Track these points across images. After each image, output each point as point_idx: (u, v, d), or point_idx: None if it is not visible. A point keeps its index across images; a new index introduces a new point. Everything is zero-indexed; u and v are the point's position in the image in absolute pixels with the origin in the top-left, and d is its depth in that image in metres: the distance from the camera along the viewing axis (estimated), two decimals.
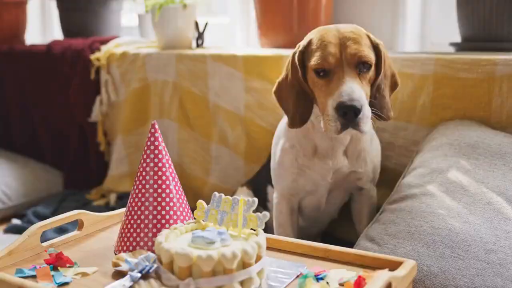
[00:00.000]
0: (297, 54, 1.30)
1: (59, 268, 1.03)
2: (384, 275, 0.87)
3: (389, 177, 1.66)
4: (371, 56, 1.24)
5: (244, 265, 0.90)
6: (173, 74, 2.07)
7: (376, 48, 1.28)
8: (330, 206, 1.52)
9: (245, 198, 0.99)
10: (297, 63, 1.29)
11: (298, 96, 1.30)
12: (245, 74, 1.89)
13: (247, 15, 2.43)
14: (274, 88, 1.39)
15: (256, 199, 0.98)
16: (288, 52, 1.84)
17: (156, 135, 1.10)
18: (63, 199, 2.21)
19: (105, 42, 2.34)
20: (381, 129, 1.66)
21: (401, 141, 1.65)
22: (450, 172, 1.33)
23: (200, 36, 2.21)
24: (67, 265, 1.04)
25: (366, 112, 1.19)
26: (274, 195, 1.50)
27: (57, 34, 3.11)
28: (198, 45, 2.22)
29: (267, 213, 0.97)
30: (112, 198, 2.16)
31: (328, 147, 1.36)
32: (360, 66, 1.23)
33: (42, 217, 2.00)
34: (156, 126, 1.10)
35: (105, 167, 2.32)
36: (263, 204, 1.65)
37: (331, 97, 1.20)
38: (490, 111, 1.49)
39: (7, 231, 1.93)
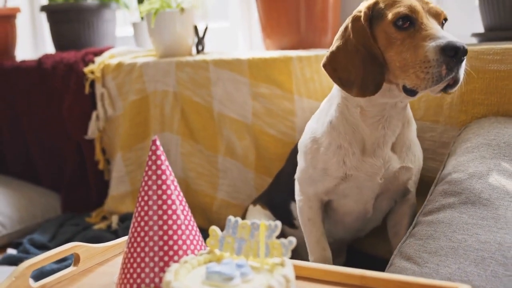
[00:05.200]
0: (362, 16, 1.16)
1: None
2: None
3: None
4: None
5: None
6: (173, 83, 1.93)
7: None
8: (377, 213, 1.36)
9: (266, 222, 0.84)
10: (364, 24, 1.15)
11: (365, 61, 1.15)
12: (251, 79, 1.74)
13: (248, 18, 2.30)
14: (324, 61, 1.21)
15: (279, 223, 0.83)
16: (296, 53, 1.69)
17: (158, 152, 0.95)
18: (61, 224, 2.06)
19: (98, 53, 2.20)
20: None
21: (428, 144, 1.49)
22: (491, 176, 1.18)
23: (200, 41, 2.07)
24: None
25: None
26: (298, 197, 1.34)
27: (49, 48, 2.98)
28: (198, 51, 2.08)
29: (292, 239, 0.81)
30: (114, 220, 2.01)
31: (379, 137, 1.22)
32: (442, 25, 1.15)
33: (38, 246, 1.86)
34: (158, 143, 0.95)
35: (105, 187, 2.18)
36: (289, 223, 1.49)
37: (431, 40, 1.07)
38: None
39: (1, 262, 1.78)
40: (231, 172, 1.86)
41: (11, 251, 1.88)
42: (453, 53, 1.04)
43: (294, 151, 1.40)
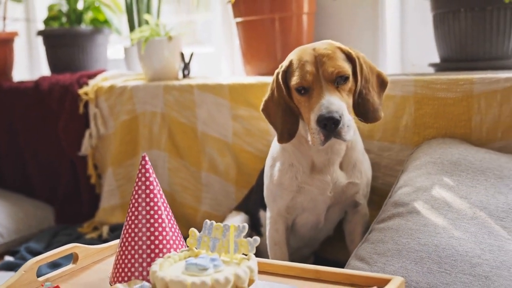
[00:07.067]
0: (280, 74, 1.37)
1: None
2: None
3: (377, 197, 1.69)
4: (346, 69, 1.30)
5: None
6: (161, 105, 2.11)
7: (350, 58, 1.34)
8: (328, 223, 1.55)
9: (235, 224, 1.02)
10: (281, 82, 1.36)
11: (285, 113, 1.37)
12: (232, 102, 1.93)
13: (231, 43, 2.48)
14: (261, 106, 1.44)
15: (246, 225, 1.01)
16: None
17: (147, 166, 1.13)
18: (56, 234, 2.21)
19: (92, 76, 2.37)
20: (366, 150, 1.70)
21: (386, 161, 1.69)
22: (434, 189, 1.37)
23: (186, 66, 2.25)
24: None
25: (346, 121, 1.26)
26: (267, 215, 1.52)
27: (44, 70, 3.15)
28: (184, 76, 2.26)
29: (257, 238, 0.99)
30: (105, 230, 2.17)
31: (324, 160, 1.41)
32: (337, 79, 1.29)
33: (35, 253, 2.00)
34: (147, 158, 1.13)
35: (97, 199, 2.33)
36: (257, 230, 1.67)
37: (312, 111, 1.27)
38: (470, 129, 1.54)
39: (0, 268, 1.93)
40: (213, 186, 2.03)
41: (8, 258, 2.03)
42: (323, 125, 1.25)
43: (263, 169, 1.59)
